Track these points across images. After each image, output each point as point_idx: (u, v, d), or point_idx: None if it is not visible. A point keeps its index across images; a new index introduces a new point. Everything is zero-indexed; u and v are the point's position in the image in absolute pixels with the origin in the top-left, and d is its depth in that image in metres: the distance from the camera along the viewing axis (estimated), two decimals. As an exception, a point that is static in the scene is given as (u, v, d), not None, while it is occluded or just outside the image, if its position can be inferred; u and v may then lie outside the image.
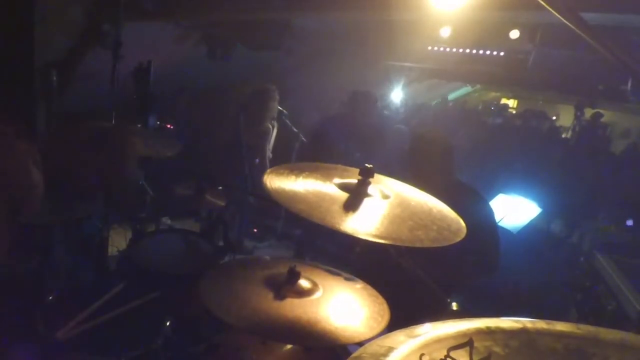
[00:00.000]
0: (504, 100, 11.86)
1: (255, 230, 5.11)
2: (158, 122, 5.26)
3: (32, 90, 3.21)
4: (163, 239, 2.51)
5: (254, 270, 1.63)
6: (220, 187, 2.88)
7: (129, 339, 1.57)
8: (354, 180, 1.33)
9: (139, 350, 1.53)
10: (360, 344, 1.23)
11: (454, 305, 1.93)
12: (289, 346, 1.72)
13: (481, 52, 6.74)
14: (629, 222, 4.61)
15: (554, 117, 9.95)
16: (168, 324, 1.65)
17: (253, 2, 4.29)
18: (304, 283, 1.53)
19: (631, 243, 4.16)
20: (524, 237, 4.15)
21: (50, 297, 1.67)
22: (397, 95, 8.74)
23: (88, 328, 1.54)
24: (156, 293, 1.76)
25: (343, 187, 1.33)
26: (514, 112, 11.48)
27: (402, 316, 1.28)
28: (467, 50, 6.84)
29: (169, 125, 5.49)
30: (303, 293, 1.50)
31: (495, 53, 6.61)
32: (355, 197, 1.28)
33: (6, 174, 1.12)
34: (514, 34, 5.80)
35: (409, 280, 1.95)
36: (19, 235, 1.09)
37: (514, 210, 4.39)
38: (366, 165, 1.31)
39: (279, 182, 1.31)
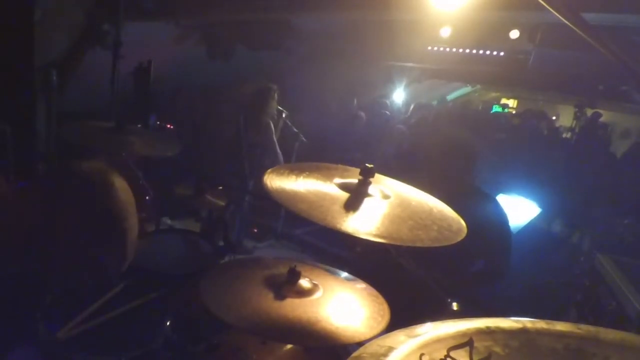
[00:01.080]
0: (504, 100, 11.87)
1: (255, 230, 5.11)
2: (158, 122, 5.27)
3: (32, 90, 3.21)
4: (163, 239, 2.51)
5: (254, 270, 1.63)
6: (220, 187, 2.88)
7: (129, 339, 1.57)
8: (355, 180, 1.33)
9: (139, 350, 1.53)
10: (360, 343, 1.23)
11: (454, 305, 1.93)
12: (289, 346, 1.72)
13: (481, 52, 6.74)
14: (629, 221, 4.61)
15: (554, 117, 9.95)
16: (168, 324, 1.65)
17: (253, 2, 4.30)
18: (304, 283, 1.53)
19: (631, 243, 4.16)
20: (524, 237, 4.14)
21: (50, 297, 1.66)
22: (399, 95, 8.74)
23: (88, 328, 1.54)
24: (156, 293, 1.76)
25: (344, 187, 1.33)
26: (514, 112, 11.49)
27: (402, 316, 1.28)
28: (467, 50, 6.85)
29: (169, 125, 5.50)
30: (303, 293, 1.50)
31: (495, 53, 6.61)
32: (355, 197, 1.28)
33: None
34: (514, 34, 5.81)
35: (409, 280, 1.95)
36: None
37: (514, 210, 4.39)
38: (366, 164, 1.31)
39: (280, 182, 1.31)
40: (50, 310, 1.60)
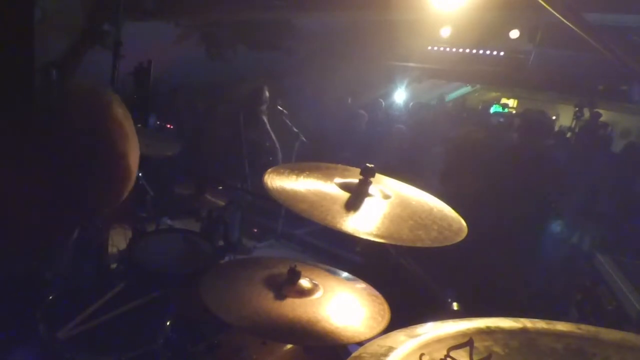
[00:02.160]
0: (504, 100, 11.86)
1: (255, 230, 5.11)
2: (158, 122, 5.26)
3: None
4: (163, 239, 2.51)
5: (254, 270, 1.63)
6: (221, 187, 2.88)
7: (129, 339, 1.57)
8: (355, 180, 1.33)
9: (139, 350, 1.53)
10: (361, 343, 1.23)
11: (454, 305, 1.93)
12: (289, 346, 1.72)
13: (481, 52, 6.75)
14: (630, 221, 4.60)
15: (554, 117, 9.94)
16: (168, 324, 1.65)
17: (253, 2, 4.30)
18: (304, 283, 1.53)
19: (631, 243, 4.15)
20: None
21: (50, 297, 1.66)
22: (400, 95, 8.75)
23: (88, 328, 1.54)
24: (156, 293, 1.76)
25: (344, 186, 1.33)
26: (514, 111, 11.48)
27: (402, 316, 1.28)
28: (467, 50, 6.86)
29: (169, 125, 5.49)
30: (303, 293, 1.50)
31: (495, 53, 6.63)
32: (356, 196, 1.28)
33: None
34: (514, 34, 5.83)
35: (409, 280, 1.95)
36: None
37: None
38: (367, 164, 1.31)
39: (280, 182, 1.31)
40: (50, 310, 1.60)
